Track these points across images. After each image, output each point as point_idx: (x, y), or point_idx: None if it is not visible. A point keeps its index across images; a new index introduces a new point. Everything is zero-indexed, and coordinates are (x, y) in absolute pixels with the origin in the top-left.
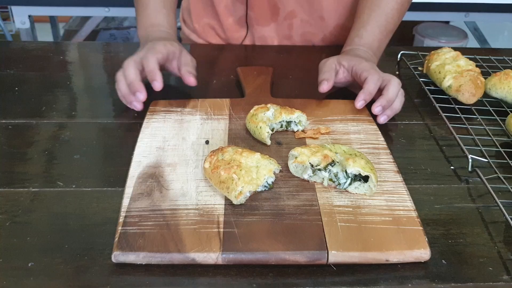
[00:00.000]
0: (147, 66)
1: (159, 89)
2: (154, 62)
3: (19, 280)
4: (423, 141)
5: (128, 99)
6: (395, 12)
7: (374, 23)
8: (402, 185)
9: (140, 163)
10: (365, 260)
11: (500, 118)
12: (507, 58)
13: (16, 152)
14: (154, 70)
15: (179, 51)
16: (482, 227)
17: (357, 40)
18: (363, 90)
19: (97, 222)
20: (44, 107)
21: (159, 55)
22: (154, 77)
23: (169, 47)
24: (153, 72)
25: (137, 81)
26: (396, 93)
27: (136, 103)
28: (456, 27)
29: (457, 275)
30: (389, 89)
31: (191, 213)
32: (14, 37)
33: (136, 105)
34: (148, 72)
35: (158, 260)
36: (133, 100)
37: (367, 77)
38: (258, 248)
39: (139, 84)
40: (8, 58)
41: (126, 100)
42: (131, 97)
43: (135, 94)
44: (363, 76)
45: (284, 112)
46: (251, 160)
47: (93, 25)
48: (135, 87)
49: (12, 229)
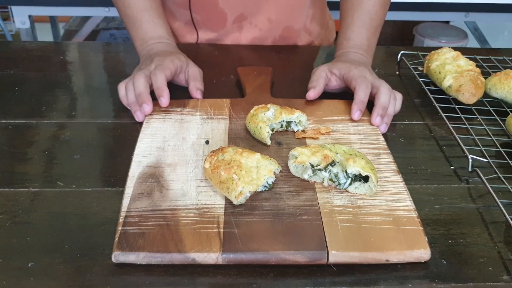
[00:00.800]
0: (155, 82)
1: (165, 105)
2: (163, 79)
3: (19, 280)
4: (423, 141)
5: (134, 108)
6: (378, 7)
7: (359, 22)
8: (402, 185)
9: (140, 163)
10: (365, 260)
11: (500, 118)
12: (507, 58)
13: (16, 152)
14: (162, 86)
15: (186, 65)
16: (482, 227)
17: (345, 43)
18: (355, 101)
19: (97, 222)
20: (44, 107)
21: (167, 72)
22: (162, 94)
23: (176, 62)
24: (160, 89)
25: (146, 93)
26: (388, 98)
27: (139, 113)
28: (456, 27)
29: (457, 275)
30: (380, 97)
31: (191, 213)
32: (14, 37)
33: (139, 115)
34: (156, 88)
35: (158, 260)
36: (138, 110)
37: (356, 87)
38: (258, 248)
39: (148, 97)
40: (8, 58)
41: (131, 109)
42: (137, 107)
43: (141, 105)
44: (352, 85)
45: (284, 112)
46: (251, 160)
47: (93, 25)
48: (143, 98)
49: (12, 229)
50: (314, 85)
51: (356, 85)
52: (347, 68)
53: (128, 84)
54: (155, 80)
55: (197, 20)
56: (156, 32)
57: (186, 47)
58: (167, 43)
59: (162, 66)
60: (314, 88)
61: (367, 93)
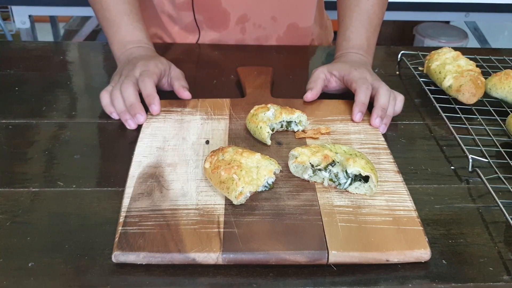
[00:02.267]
0: (144, 90)
1: (156, 113)
2: (152, 86)
3: (19, 280)
4: (424, 141)
5: (124, 117)
6: (377, 7)
7: (358, 23)
8: (402, 185)
9: (140, 163)
10: (365, 260)
11: (501, 118)
12: (507, 58)
13: (16, 152)
14: (152, 93)
15: (168, 68)
16: (483, 227)
17: (345, 44)
18: (356, 103)
19: (97, 222)
20: (44, 107)
21: (154, 77)
22: (153, 101)
23: (160, 66)
24: (151, 96)
25: (138, 103)
26: (387, 99)
27: (131, 121)
28: (456, 27)
29: (457, 275)
30: (379, 99)
31: (191, 213)
32: (14, 37)
33: (130, 124)
34: (146, 96)
35: (158, 260)
36: (129, 119)
37: (356, 89)
38: (258, 248)
39: (140, 106)
40: (8, 58)
41: (121, 117)
42: (127, 116)
43: (135, 115)
44: (353, 87)
45: (284, 112)
46: (251, 160)
47: (93, 25)
48: (136, 109)
49: (12, 229)
50: (312, 86)
51: (357, 87)
52: (347, 70)
53: (113, 92)
54: (144, 87)
55: (200, 21)
56: (135, 36)
57: (187, 47)
58: (146, 47)
59: (148, 72)
60: (312, 89)
61: (368, 94)
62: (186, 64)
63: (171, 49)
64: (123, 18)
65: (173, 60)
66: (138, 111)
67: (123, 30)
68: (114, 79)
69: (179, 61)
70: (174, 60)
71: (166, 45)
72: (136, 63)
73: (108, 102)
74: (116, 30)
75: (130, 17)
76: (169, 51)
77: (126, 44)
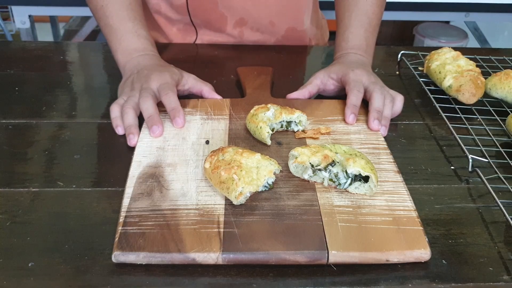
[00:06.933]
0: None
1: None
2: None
3: (19, 280)
4: (423, 141)
5: (129, 131)
6: (375, 6)
7: (357, 23)
8: (402, 185)
9: (140, 163)
10: (365, 260)
11: (501, 118)
12: (507, 58)
13: (16, 152)
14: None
15: (181, 76)
16: (483, 227)
17: (344, 44)
18: (347, 105)
19: (97, 222)
20: (44, 107)
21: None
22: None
23: (174, 76)
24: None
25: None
26: (381, 102)
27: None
28: (456, 27)
29: (457, 275)
30: (373, 102)
31: (191, 213)
32: (14, 37)
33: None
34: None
35: (158, 260)
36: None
37: (348, 92)
38: (258, 248)
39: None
40: (8, 58)
41: (126, 132)
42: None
43: (151, 127)
44: (346, 89)
45: (284, 112)
46: (251, 160)
47: (93, 25)
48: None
49: (12, 229)
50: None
51: (349, 90)
52: (344, 71)
53: (125, 106)
54: (169, 101)
55: (197, 23)
56: (141, 43)
57: (186, 47)
58: (152, 55)
59: (168, 85)
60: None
61: (359, 97)
62: (185, 64)
63: (169, 49)
64: (127, 25)
65: (171, 60)
66: (156, 123)
67: (127, 38)
68: (125, 91)
69: (177, 61)
70: (173, 60)
71: (164, 45)
72: (150, 75)
73: (117, 116)
74: (120, 37)
75: (134, 24)
76: (167, 51)
77: (132, 52)
